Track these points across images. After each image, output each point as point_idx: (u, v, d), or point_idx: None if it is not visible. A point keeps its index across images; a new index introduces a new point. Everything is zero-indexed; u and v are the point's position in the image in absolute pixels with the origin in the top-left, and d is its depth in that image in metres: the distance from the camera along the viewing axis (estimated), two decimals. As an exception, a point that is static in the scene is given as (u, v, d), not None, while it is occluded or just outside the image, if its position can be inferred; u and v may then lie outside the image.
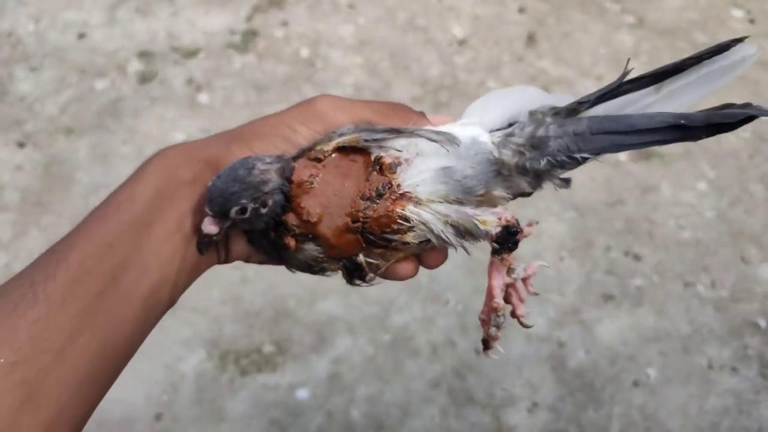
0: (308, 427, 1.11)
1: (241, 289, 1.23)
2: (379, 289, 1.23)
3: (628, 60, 0.42)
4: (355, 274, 0.42)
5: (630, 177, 1.40)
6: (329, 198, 0.40)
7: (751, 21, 1.66)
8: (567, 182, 0.43)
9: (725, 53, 0.40)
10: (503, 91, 0.44)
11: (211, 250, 0.42)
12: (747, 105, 0.39)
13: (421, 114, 0.44)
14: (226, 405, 1.13)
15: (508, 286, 0.44)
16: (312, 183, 0.40)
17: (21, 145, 1.42)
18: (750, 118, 0.39)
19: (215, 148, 0.43)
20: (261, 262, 0.46)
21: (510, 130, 0.42)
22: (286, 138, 0.43)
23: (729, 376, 1.18)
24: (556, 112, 0.42)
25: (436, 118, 0.44)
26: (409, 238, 0.41)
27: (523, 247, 1.41)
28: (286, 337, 1.19)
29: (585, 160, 0.41)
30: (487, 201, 0.42)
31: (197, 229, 0.41)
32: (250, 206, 0.40)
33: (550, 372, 1.17)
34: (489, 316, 0.43)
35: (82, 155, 1.40)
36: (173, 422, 1.11)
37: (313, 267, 0.42)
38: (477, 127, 0.43)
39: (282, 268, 0.45)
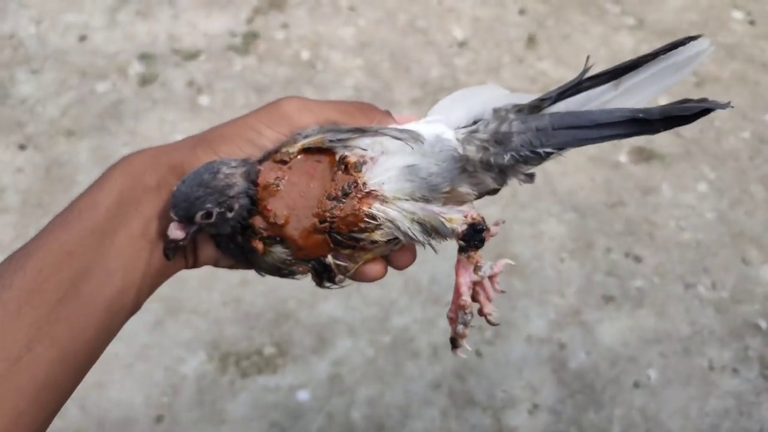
0: (309, 428, 1.11)
1: (241, 291, 1.23)
2: (380, 291, 1.23)
3: (588, 57, 0.43)
4: (324, 275, 0.43)
5: (630, 178, 1.40)
6: (295, 199, 0.40)
7: (751, 22, 1.66)
8: (531, 177, 0.43)
9: (679, 49, 0.42)
10: (469, 89, 0.45)
11: (178, 255, 0.42)
12: (703, 100, 0.41)
13: (387, 113, 0.45)
14: (226, 407, 1.13)
15: (475, 284, 0.44)
16: (278, 185, 0.40)
17: (22, 147, 1.42)
18: (705, 111, 0.40)
19: (180, 153, 0.43)
20: (230, 267, 0.46)
21: (474, 127, 0.43)
22: (251, 141, 0.43)
23: (730, 377, 1.18)
24: (520, 110, 0.42)
25: (402, 116, 0.45)
26: (377, 236, 0.41)
27: (523, 248, 1.41)
28: (286, 338, 1.19)
29: (548, 155, 0.42)
30: (453, 198, 0.43)
31: (163, 234, 0.40)
32: (216, 210, 0.40)
33: (550, 374, 1.17)
34: (456, 314, 0.43)
35: (83, 157, 1.40)
36: (173, 424, 1.11)
37: (281, 270, 0.43)
38: (441, 124, 0.43)
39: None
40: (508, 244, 1.28)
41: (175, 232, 0.40)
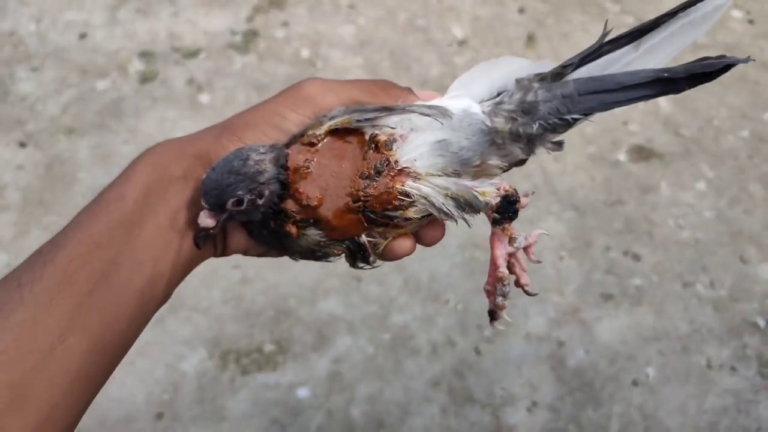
0: (308, 426, 1.12)
1: (242, 288, 1.23)
2: (380, 289, 1.24)
3: (606, 21, 0.43)
4: (358, 256, 0.42)
5: (629, 177, 1.40)
6: (327, 180, 0.40)
7: (751, 21, 1.66)
8: (560, 145, 0.44)
9: (698, 5, 0.42)
10: (489, 63, 0.44)
11: (208, 243, 0.42)
12: (722, 56, 0.41)
13: (408, 89, 0.45)
14: (226, 404, 1.13)
15: (510, 255, 0.44)
16: (308, 167, 0.40)
17: (22, 145, 1.43)
18: (727, 67, 0.41)
19: (205, 143, 0.43)
20: (260, 255, 0.46)
21: (499, 98, 0.43)
22: (277, 126, 0.43)
23: (728, 375, 1.18)
24: (542, 78, 0.42)
25: (423, 93, 0.45)
26: (411, 213, 0.41)
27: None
28: (286, 336, 1.20)
29: (575, 121, 0.42)
30: (483, 171, 0.43)
31: (193, 222, 0.41)
32: (247, 197, 0.40)
33: (549, 371, 1.18)
34: (495, 287, 0.44)
35: (84, 155, 1.41)
36: (174, 421, 1.12)
37: (316, 252, 0.42)
38: (467, 98, 0.43)
39: (282, 267, 0.46)
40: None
41: (206, 220, 0.40)
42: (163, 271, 0.40)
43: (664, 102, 1.52)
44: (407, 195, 0.40)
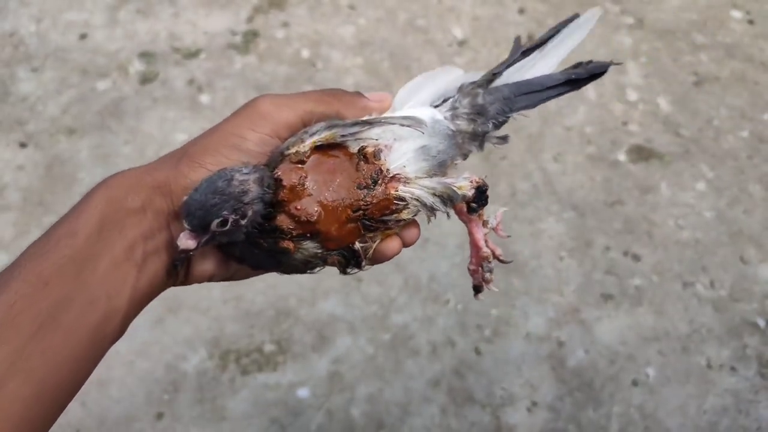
0: (309, 426, 1.12)
1: (242, 288, 1.23)
2: (380, 289, 1.24)
3: (518, 37, 0.54)
4: (351, 262, 0.44)
5: (629, 177, 1.40)
6: (324, 195, 0.41)
7: (750, 22, 1.67)
8: (505, 139, 0.50)
9: (576, 20, 0.53)
10: (428, 74, 0.50)
11: (171, 272, 0.42)
12: (590, 62, 0.52)
13: (359, 93, 0.47)
14: (227, 404, 1.13)
15: (485, 236, 0.50)
16: (304, 185, 0.41)
17: (23, 145, 1.43)
18: (606, 69, 0.52)
19: (164, 172, 0.42)
20: (225, 279, 0.45)
21: (450, 104, 0.48)
22: (236, 146, 0.42)
23: (728, 375, 1.18)
24: (480, 84, 0.49)
25: (373, 94, 0.47)
26: (404, 215, 0.44)
27: (522, 247, 1.41)
28: (286, 336, 1.20)
29: (510, 117, 0.50)
30: (448, 169, 0.48)
31: (151, 253, 0.40)
32: (231, 217, 0.40)
33: (549, 371, 1.18)
34: (478, 265, 0.50)
35: (84, 155, 1.41)
36: (174, 421, 1.12)
37: (309, 264, 0.43)
38: (428, 107, 0.48)
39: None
40: (507, 243, 1.29)
41: (187, 241, 0.40)
42: (119, 307, 0.39)
43: (663, 102, 1.52)
44: (401, 199, 0.43)
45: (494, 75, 0.49)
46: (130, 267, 0.39)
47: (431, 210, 0.45)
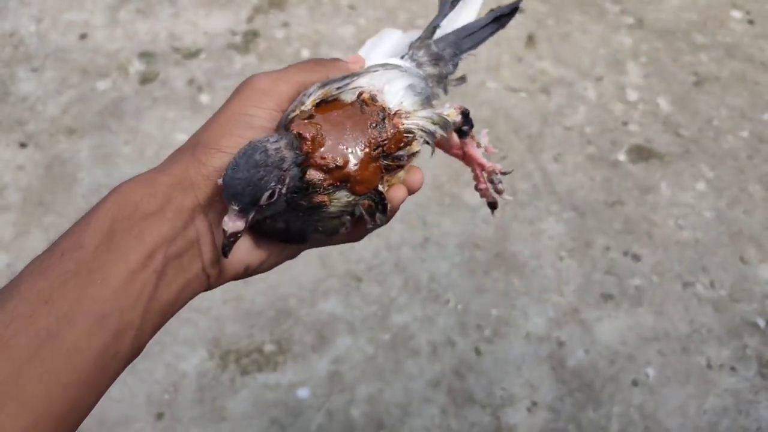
0: (309, 426, 1.12)
1: (242, 288, 1.23)
2: (380, 289, 1.24)
3: None
4: (378, 207, 0.45)
5: (629, 177, 1.40)
6: (343, 140, 0.43)
7: (750, 22, 1.66)
8: (463, 79, 0.55)
9: None
10: (376, 37, 0.56)
11: (199, 272, 0.40)
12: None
13: (338, 59, 0.50)
14: (227, 404, 1.13)
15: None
16: (322, 134, 0.42)
17: (23, 145, 1.43)
18: (515, 10, 0.57)
19: (180, 165, 0.40)
20: (256, 271, 0.44)
21: (408, 57, 0.53)
22: (248, 125, 0.42)
23: (728, 375, 1.18)
24: (426, 37, 0.54)
25: (350, 57, 0.50)
26: (415, 146, 0.46)
27: (522, 247, 1.41)
28: (286, 336, 1.20)
29: (462, 58, 0.55)
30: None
31: (174, 257, 0.37)
32: (278, 188, 0.39)
33: (549, 372, 1.18)
34: (490, 180, 0.53)
35: (84, 155, 1.41)
36: (174, 421, 1.12)
37: (342, 217, 0.44)
38: (396, 58, 0.53)
39: (282, 267, 0.46)
40: (507, 243, 1.29)
41: (236, 223, 0.38)
42: (132, 322, 0.35)
43: (663, 102, 1.52)
44: (409, 131, 0.45)
45: (435, 27, 0.55)
46: (147, 276, 0.36)
47: (434, 137, 0.47)
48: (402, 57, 0.53)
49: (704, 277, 1.28)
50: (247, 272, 0.43)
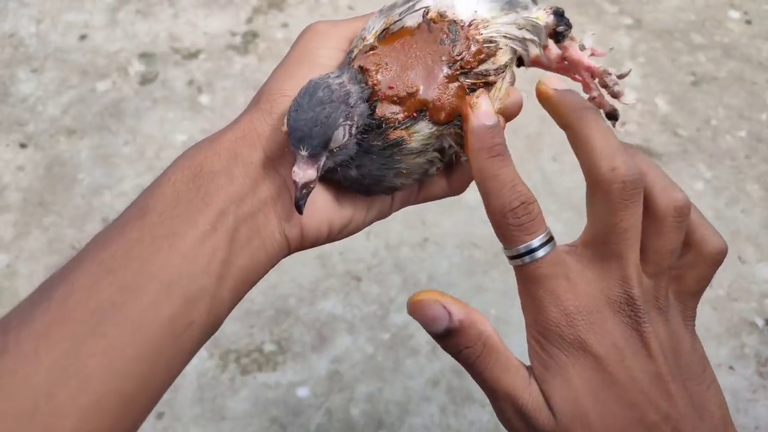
0: (308, 425, 1.12)
1: (241, 288, 1.24)
2: (379, 289, 1.24)
3: None
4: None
5: (628, 177, 1.40)
6: (412, 65, 0.38)
7: (748, 22, 1.67)
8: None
9: None
10: None
11: (277, 235, 0.36)
12: None
13: None
14: (227, 404, 1.14)
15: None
16: (388, 63, 0.37)
17: (23, 145, 1.43)
18: None
19: (245, 118, 0.38)
20: (340, 232, 0.40)
21: None
22: (310, 64, 0.39)
23: (726, 374, 1.19)
24: None
25: None
26: (501, 57, 0.40)
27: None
28: (286, 336, 1.20)
29: None
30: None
31: (249, 215, 0.34)
32: (347, 125, 0.36)
33: (548, 371, 1.18)
34: (603, 85, 0.45)
35: (84, 156, 1.41)
36: (174, 421, 1.12)
37: (428, 153, 0.39)
38: None
39: (282, 267, 0.45)
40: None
41: (306, 171, 0.34)
42: (204, 289, 0.33)
43: (662, 102, 1.53)
44: (490, 41, 0.39)
45: None
46: (219, 239, 0.33)
47: (524, 44, 0.41)
48: None
49: (702, 277, 1.29)
50: (332, 233, 0.40)
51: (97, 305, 0.30)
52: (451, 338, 0.35)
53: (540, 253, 0.36)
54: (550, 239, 0.37)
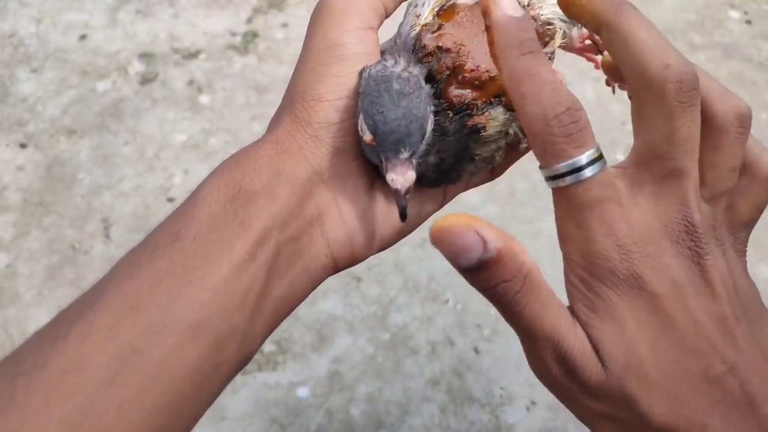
0: (308, 425, 1.12)
1: (241, 288, 1.24)
2: (379, 289, 1.24)
3: None
4: None
5: (628, 177, 1.40)
6: (480, 45, 0.34)
7: (748, 22, 1.67)
8: None
9: None
10: None
11: (321, 257, 0.33)
12: None
13: None
14: (227, 404, 1.14)
15: None
16: (462, 43, 0.34)
17: (23, 146, 1.43)
18: None
19: (282, 128, 0.34)
20: (399, 236, 0.36)
21: None
22: (340, 57, 0.35)
23: (726, 374, 1.19)
24: None
25: None
26: (558, 39, 0.37)
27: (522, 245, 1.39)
28: (286, 336, 1.20)
29: None
30: None
31: (306, 229, 0.31)
32: (432, 111, 0.33)
33: (548, 371, 1.18)
34: None
35: (84, 156, 1.41)
36: (175, 421, 1.12)
37: (499, 140, 0.36)
38: None
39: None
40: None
41: (406, 174, 0.31)
42: (236, 327, 0.30)
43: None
44: (549, 22, 0.37)
45: None
46: (257, 268, 0.30)
47: (570, 27, 0.39)
48: None
49: (702, 277, 1.29)
50: (383, 245, 0.37)
51: (117, 350, 0.27)
52: (484, 271, 0.29)
53: (588, 172, 0.31)
54: (600, 156, 0.32)
